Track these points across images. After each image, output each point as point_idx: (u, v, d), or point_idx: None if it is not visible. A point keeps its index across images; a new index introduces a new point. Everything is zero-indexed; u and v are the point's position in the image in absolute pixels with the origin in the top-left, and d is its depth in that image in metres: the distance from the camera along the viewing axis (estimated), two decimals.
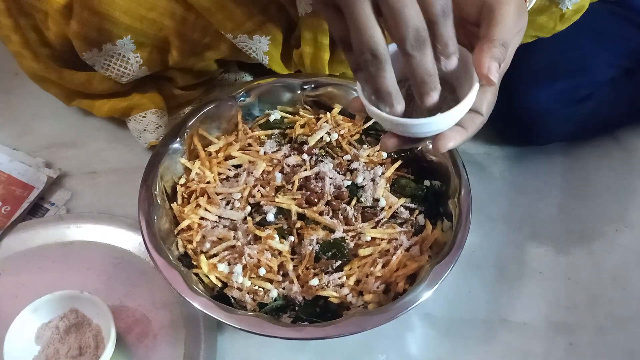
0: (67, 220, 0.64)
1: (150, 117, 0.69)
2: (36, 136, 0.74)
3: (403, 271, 0.52)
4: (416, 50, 0.36)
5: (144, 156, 0.69)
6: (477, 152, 0.72)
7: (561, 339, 0.58)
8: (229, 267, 0.54)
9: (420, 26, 0.36)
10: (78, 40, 0.60)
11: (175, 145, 0.59)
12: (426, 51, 0.36)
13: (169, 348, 0.55)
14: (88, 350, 0.53)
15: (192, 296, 0.49)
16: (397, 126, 0.40)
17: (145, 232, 0.52)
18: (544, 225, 0.66)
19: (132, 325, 0.56)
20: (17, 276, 0.60)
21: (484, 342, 0.58)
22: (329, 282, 0.52)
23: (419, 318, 0.59)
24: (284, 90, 0.63)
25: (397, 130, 0.41)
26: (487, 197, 0.68)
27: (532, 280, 0.62)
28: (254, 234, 0.55)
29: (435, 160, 0.58)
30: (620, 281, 0.62)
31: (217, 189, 0.58)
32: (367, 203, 0.58)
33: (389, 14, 0.36)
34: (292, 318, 0.52)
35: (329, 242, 0.54)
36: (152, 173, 0.56)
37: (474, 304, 0.60)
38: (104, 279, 0.59)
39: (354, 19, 0.36)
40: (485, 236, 0.65)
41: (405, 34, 0.36)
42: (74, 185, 0.69)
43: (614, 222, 0.66)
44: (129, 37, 0.60)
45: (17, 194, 0.66)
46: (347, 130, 0.62)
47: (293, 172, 0.59)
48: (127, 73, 0.63)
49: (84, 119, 0.75)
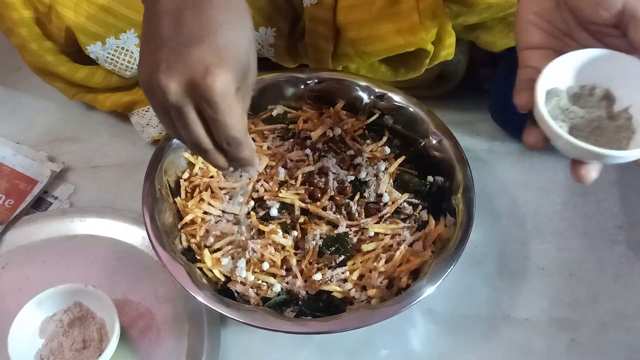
0: (70, 214, 0.64)
1: (153, 111, 0.69)
2: (39, 130, 0.74)
3: (406, 266, 0.52)
4: (201, 155, 0.43)
5: (147, 150, 0.69)
6: (480, 148, 0.72)
7: (563, 335, 0.58)
8: (232, 262, 0.54)
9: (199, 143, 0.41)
10: (81, 33, 0.60)
11: (178, 140, 0.58)
12: (208, 156, 0.42)
13: (172, 342, 0.55)
14: (92, 344, 0.53)
15: (195, 290, 0.49)
16: (591, 155, 0.38)
17: (149, 226, 0.52)
18: (547, 222, 0.66)
19: (136, 319, 0.57)
20: (21, 270, 0.60)
21: (486, 338, 0.58)
22: (332, 277, 0.53)
23: (421, 313, 0.59)
24: (287, 85, 0.63)
25: (583, 156, 0.38)
26: (490, 193, 0.68)
27: (535, 276, 0.62)
28: (258, 229, 0.55)
29: (439, 156, 0.58)
30: (622, 278, 0.62)
31: (220, 183, 0.58)
32: (371, 198, 0.58)
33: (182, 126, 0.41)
34: (295, 312, 0.52)
35: (332, 237, 0.54)
36: (155, 167, 0.56)
37: (476, 300, 0.60)
38: (107, 273, 0.59)
39: (177, 120, 0.40)
40: (488, 232, 0.65)
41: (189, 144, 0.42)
42: (77, 180, 0.69)
43: (617, 219, 0.66)
44: (132, 30, 0.60)
45: (20, 188, 0.66)
46: (350, 126, 0.62)
47: (296, 167, 0.59)
48: (131, 67, 0.63)
49: (87, 113, 0.75)
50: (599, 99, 0.41)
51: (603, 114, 0.40)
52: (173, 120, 0.40)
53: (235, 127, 0.39)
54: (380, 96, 0.61)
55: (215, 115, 0.38)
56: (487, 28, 0.62)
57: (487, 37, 0.63)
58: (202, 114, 0.39)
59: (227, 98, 0.38)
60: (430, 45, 0.59)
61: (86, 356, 0.53)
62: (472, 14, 0.58)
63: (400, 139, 0.62)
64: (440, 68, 0.69)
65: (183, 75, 0.37)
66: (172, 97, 0.38)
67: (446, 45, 0.59)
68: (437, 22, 0.57)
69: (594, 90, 0.41)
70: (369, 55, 0.61)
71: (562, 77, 0.41)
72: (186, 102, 0.38)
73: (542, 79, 0.39)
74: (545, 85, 0.40)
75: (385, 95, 0.61)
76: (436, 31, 0.58)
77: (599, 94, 0.41)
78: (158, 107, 0.41)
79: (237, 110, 0.39)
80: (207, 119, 0.39)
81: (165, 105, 0.39)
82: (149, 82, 0.39)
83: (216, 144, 0.41)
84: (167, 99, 0.38)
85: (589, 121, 0.40)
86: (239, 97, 0.39)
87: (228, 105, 0.38)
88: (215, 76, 0.37)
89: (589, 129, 0.40)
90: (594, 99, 0.41)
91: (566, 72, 0.41)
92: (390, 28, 0.58)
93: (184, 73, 0.37)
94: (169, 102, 0.38)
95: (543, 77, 0.39)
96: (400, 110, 0.61)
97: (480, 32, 0.63)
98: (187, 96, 0.38)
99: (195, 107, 0.39)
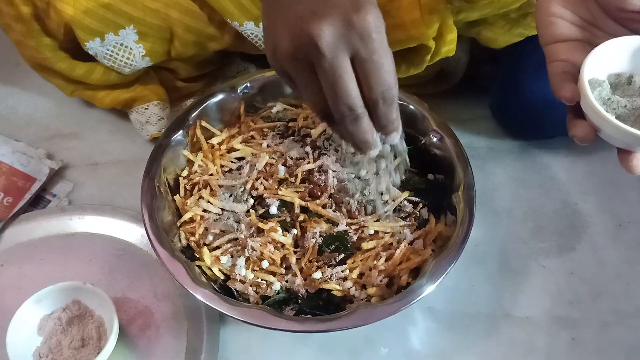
0: (69, 212, 0.63)
1: (152, 109, 0.68)
2: (38, 127, 0.74)
3: (406, 265, 0.52)
4: (349, 124, 0.39)
5: (146, 148, 0.69)
6: (481, 146, 0.72)
7: (564, 334, 0.58)
8: (231, 260, 0.53)
9: (353, 104, 0.38)
10: (80, 29, 0.59)
11: (177, 137, 0.58)
12: (358, 123, 0.39)
13: (171, 340, 0.55)
14: (90, 342, 0.53)
15: (194, 288, 0.49)
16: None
17: (147, 224, 0.52)
18: (548, 220, 0.66)
19: (135, 317, 0.56)
20: (19, 267, 0.60)
21: (487, 336, 0.58)
22: (332, 275, 0.52)
23: (421, 312, 0.59)
24: None
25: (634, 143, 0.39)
26: (491, 191, 0.68)
27: (536, 274, 0.62)
28: (257, 227, 0.54)
29: (439, 154, 0.58)
30: (623, 276, 0.62)
31: (219, 181, 0.57)
32: (371, 196, 0.57)
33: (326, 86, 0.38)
34: (294, 311, 0.52)
35: (332, 235, 0.54)
36: (154, 165, 0.56)
37: (477, 298, 0.60)
38: (106, 270, 0.59)
39: (330, 76, 0.37)
40: (489, 230, 0.64)
41: (339, 108, 0.38)
42: (76, 177, 0.69)
43: (618, 217, 0.66)
44: (131, 27, 0.60)
45: (19, 186, 0.66)
46: None
47: (296, 164, 0.58)
48: (130, 64, 0.63)
49: (86, 110, 0.75)
50: (639, 87, 0.41)
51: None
52: (321, 85, 0.38)
53: (391, 70, 0.37)
54: None
55: (371, 55, 0.36)
56: (488, 24, 0.62)
57: (489, 34, 0.63)
58: (354, 67, 0.37)
59: (381, 31, 0.36)
60: (432, 41, 0.58)
61: (85, 354, 0.53)
62: (473, 10, 0.58)
63: None
64: (441, 65, 0.68)
65: (334, 17, 0.35)
66: (327, 46, 0.35)
67: (447, 41, 0.59)
68: (439, 17, 0.56)
69: (632, 79, 0.41)
70: None
71: (600, 67, 0.41)
72: (340, 50, 0.36)
73: (585, 69, 0.39)
74: (588, 76, 0.40)
75: None
76: (438, 26, 0.57)
77: (638, 82, 0.41)
78: (303, 71, 0.38)
79: (389, 53, 0.37)
80: (361, 65, 0.37)
81: (314, 62, 0.36)
82: (292, 41, 0.37)
83: (366, 107, 0.39)
84: (321, 50, 0.36)
85: (632, 110, 0.40)
86: (387, 44, 0.37)
87: (383, 41, 0.36)
88: (367, 9, 0.35)
89: (633, 117, 0.40)
90: (633, 87, 0.41)
91: (603, 62, 0.41)
92: (391, 23, 0.57)
93: (334, 15, 0.35)
94: (322, 53, 0.36)
95: (586, 68, 0.39)
96: (400, 108, 0.59)
97: (482, 28, 0.62)
98: (341, 41, 0.36)
99: (350, 56, 0.36)
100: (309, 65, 0.38)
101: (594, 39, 0.41)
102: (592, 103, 0.38)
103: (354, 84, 0.37)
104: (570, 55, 0.41)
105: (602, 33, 0.41)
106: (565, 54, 0.41)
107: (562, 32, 0.41)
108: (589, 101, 0.38)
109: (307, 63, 0.38)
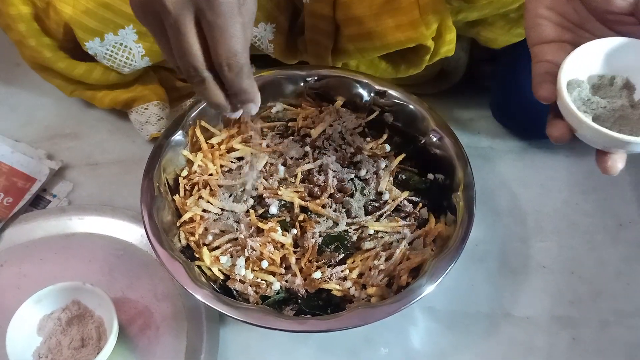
0: (69, 212, 0.63)
1: (152, 109, 0.68)
2: (38, 127, 0.74)
3: (406, 264, 0.52)
4: (195, 85, 0.40)
5: (146, 148, 0.69)
6: (481, 146, 0.72)
7: (564, 333, 0.58)
8: (231, 260, 0.53)
9: (196, 65, 0.38)
10: (80, 29, 0.59)
11: (177, 137, 0.58)
12: (203, 85, 0.40)
13: (171, 340, 0.55)
14: (90, 342, 0.53)
15: (194, 288, 0.49)
16: (618, 143, 0.37)
17: (147, 224, 0.52)
18: (548, 219, 0.66)
19: (135, 317, 0.56)
20: (19, 267, 0.60)
21: (487, 336, 0.58)
22: (332, 275, 0.52)
23: (421, 311, 0.59)
24: (286, 82, 0.62)
25: (609, 145, 0.38)
26: (491, 191, 0.67)
27: (536, 274, 0.62)
28: (257, 227, 0.54)
29: (439, 154, 0.58)
30: (623, 276, 0.62)
31: (219, 181, 0.57)
32: (371, 196, 0.57)
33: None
34: (294, 311, 0.52)
35: (331, 235, 0.54)
36: (154, 165, 0.56)
37: (477, 298, 0.60)
38: (106, 270, 0.59)
39: (174, 33, 0.37)
40: (489, 230, 0.64)
41: (184, 67, 0.39)
42: (76, 177, 0.69)
43: (618, 217, 0.66)
44: (131, 26, 0.60)
45: (19, 186, 0.66)
46: (350, 123, 0.62)
47: (296, 164, 0.58)
48: (129, 63, 0.63)
49: (86, 110, 0.75)
50: (620, 88, 0.41)
51: (625, 103, 0.40)
52: (169, 40, 0.38)
53: (237, 36, 0.37)
54: (380, 93, 0.61)
55: (216, 18, 0.36)
56: (488, 24, 0.62)
57: (488, 34, 0.63)
58: (201, 32, 0.37)
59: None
60: (431, 41, 0.58)
61: (84, 354, 0.52)
62: (473, 10, 0.58)
63: (401, 137, 0.62)
64: (440, 65, 0.68)
65: None
66: (172, 3, 0.36)
67: (447, 41, 0.59)
68: (438, 17, 0.56)
69: (614, 80, 0.41)
70: (368, 52, 0.61)
71: (581, 68, 0.41)
72: (186, 8, 0.36)
73: (563, 70, 0.39)
74: (566, 77, 0.40)
75: (386, 92, 0.61)
76: (437, 27, 0.57)
77: (619, 84, 0.41)
78: (154, 25, 0.38)
79: (238, 19, 0.37)
80: (206, 28, 0.37)
81: (162, 19, 0.37)
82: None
83: (213, 71, 0.39)
84: (166, 7, 0.36)
85: (611, 111, 0.40)
86: (239, 10, 0.37)
87: (232, 6, 0.36)
88: None
89: (612, 119, 0.40)
90: (614, 89, 0.41)
91: (585, 63, 0.41)
92: (391, 24, 0.57)
93: None
94: (167, 9, 0.36)
95: (565, 69, 0.39)
96: (400, 108, 0.61)
97: (481, 28, 0.62)
98: (188, 0, 0.36)
99: (195, 19, 0.37)
100: (160, 21, 0.38)
101: (580, 41, 0.41)
102: (568, 103, 0.38)
103: (196, 45, 0.37)
104: (555, 56, 0.41)
105: (589, 35, 0.41)
106: (550, 55, 0.41)
107: (549, 34, 0.42)
108: (565, 102, 0.38)
109: (158, 18, 0.38)
